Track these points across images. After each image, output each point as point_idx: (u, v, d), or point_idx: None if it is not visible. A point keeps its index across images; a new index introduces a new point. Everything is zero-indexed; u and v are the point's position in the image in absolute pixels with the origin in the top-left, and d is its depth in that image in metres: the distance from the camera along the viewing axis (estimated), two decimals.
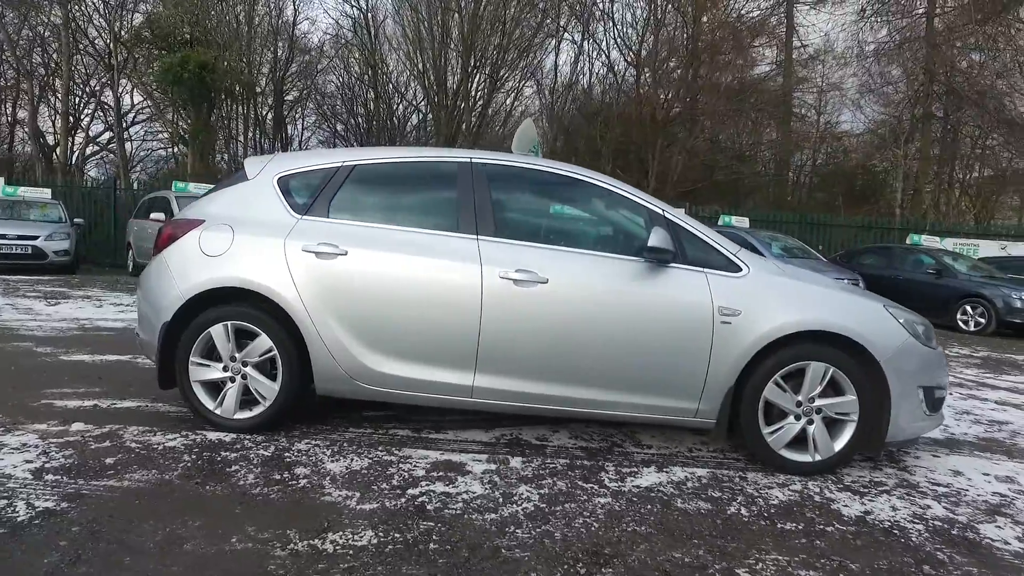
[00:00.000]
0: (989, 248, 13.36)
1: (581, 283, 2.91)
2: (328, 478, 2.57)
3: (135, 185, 16.14)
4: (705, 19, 19.13)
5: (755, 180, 24.31)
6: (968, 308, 9.70)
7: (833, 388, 2.91)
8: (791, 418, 2.93)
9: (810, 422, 2.92)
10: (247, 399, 3.04)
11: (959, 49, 20.67)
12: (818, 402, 2.90)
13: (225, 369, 3.01)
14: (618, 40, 20.95)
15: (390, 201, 3.21)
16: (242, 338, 3.01)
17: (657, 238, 2.80)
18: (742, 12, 20.52)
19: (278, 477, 2.55)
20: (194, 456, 2.71)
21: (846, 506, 2.61)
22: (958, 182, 24.75)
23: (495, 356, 2.91)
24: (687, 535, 2.27)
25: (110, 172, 23.29)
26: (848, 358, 2.89)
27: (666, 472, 2.88)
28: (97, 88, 20.80)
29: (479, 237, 2.97)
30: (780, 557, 2.14)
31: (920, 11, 20.51)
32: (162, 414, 3.29)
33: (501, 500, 2.46)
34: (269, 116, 22.63)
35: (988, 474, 3.15)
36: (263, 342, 2.97)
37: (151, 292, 3.12)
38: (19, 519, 2.08)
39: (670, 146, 17.76)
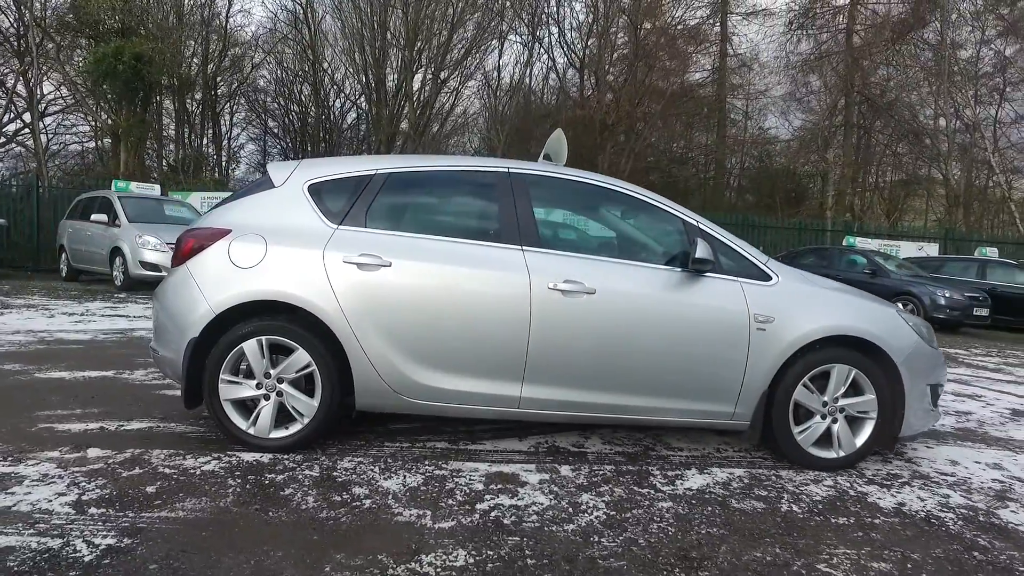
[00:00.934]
0: (909, 249, 14.52)
1: (626, 293, 2.97)
2: (391, 497, 2.51)
3: (53, 181, 14.93)
4: (648, 25, 19.72)
5: (691, 182, 25.34)
6: (900, 305, 10.49)
7: (853, 388, 3.11)
8: (817, 417, 3.10)
9: (834, 421, 3.11)
10: (280, 417, 2.92)
11: (873, 62, 22.33)
12: (841, 402, 3.09)
13: (259, 386, 2.88)
14: (563, 44, 21.32)
15: (428, 211, 3.16)
16: (275, 353, 2.89)
17: (704, 249, 2.90)
18: (681, 19, 21.36)
19: (338, 499, 2.47)
20: (239, 480, 2.58)
21: (880, 499, 2.80)
22: (871, 186, 26.74)
23: (543, 366, 2.93)
24: (757, 534, 2.37)
25: (16, 167, 21.42)
26: (868, 360, 3.09)
27: (708, 474, 2.99)
28: (6, 73, 19.06)
29: (524, 248, 2.97)
30: (848, 551, 2.27)
31: (841, 27, 21.99)
32: (181, 435, 3.10)
33: (571, 510, 2.49)
34: (197, 112, 21.50)
35: (979, 462, 3.46)
36: (301, 357, 2.86)
37: (174, 306, 2.94)
38: (86, 559, 1.92)
39: (617, 149, 18.21)
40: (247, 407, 2.93)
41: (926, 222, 23.93)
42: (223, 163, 20.94)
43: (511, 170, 3.15)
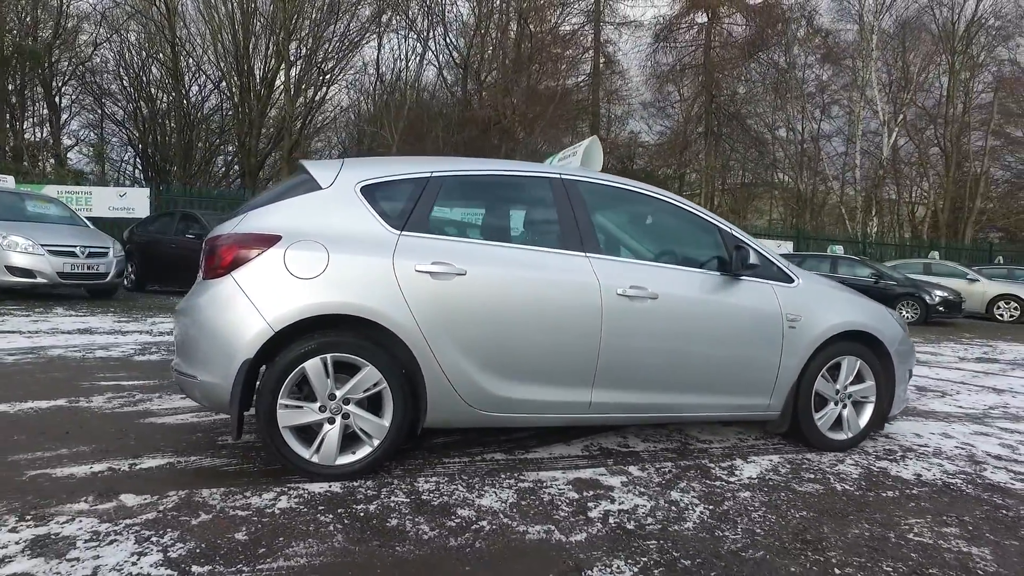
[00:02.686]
0: (770, 246, 16.36)
1: (684, 297, 3.11)
2: (502, 515, 2.42)
3: None
4: (533, 28, 20.23)
5: None
6: None
7: (857, 377, 3.52)
8: (831, 404, 3.47)
9: (844, 407, 3.50)
10: (345, 442, 2.69)
11: (726, 76, 24.84)
12: (849, 389, 3.49)
13: (322, 409, 2.63)
14: (448, 44, 21.20)
15: (489, 216, 3.07)
16: (339, 372, 2.66)
17: (756, 256, 3.12)
18: (558, 24, 22.19)
19: (452, 524, 2.33)
20: (331, 516, 2.34)
21: (900, 472, 3.20)
22: (721, 188, 29.72)
23: (611, 370, 2.97)
24: (840, 513, 2.62)
25: None
26: (868, 351, 3.51)
27: (753, 463, 3.22)
28: None
29: (588, 254, 2.99)
30: (918, 520, 2.59)
31: (700, 42, 24.17)
32: (215, 469, 2.73)
33: (673, 509, 2.57)
34: (15, 92, 18.40)
35: (935, 432, 4.06)
36: (370, 375, 2.65)
37: (217, 324, 2.57)
38: None
39: (509, 149, 18.51)
40: (303, 433, 2.66)
41: (770, 222, 27.10)
42: (61, 151, 18.13)
43: (563, 177, 3.14)
